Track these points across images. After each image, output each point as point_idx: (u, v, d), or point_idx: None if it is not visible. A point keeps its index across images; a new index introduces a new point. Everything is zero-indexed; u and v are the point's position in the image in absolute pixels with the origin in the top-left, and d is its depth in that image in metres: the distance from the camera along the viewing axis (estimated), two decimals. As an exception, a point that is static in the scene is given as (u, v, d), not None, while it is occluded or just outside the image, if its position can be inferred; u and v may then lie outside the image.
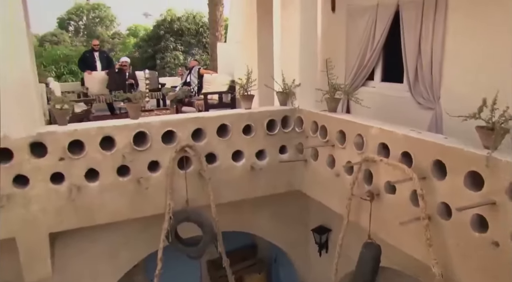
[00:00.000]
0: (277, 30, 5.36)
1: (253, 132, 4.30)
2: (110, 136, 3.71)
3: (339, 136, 3.89)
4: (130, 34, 26.85)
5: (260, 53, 5.52)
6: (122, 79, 8.81)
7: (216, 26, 13.98)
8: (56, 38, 23.15)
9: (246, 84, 4.39)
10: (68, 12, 26.56)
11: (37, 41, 23.16)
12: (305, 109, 4.40)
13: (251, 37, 5.67)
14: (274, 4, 5.44)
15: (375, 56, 5.07)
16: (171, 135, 3.97)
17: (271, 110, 4.43)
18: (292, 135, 4.50)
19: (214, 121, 4.12)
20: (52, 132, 3.51)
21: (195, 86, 8.29)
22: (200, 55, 20.77)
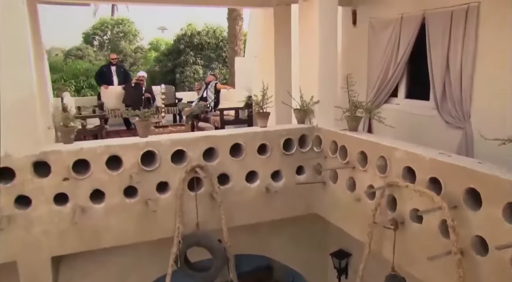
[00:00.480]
0: (295, 44, 5.18)
1: (268, 152, 4.09)
2: (117, 155, 3.55)
3: (360, 158, 3.65)
4: (151, 48, 27.16)
5: (277, 68, 5.34)
6: (138, 94, 8.76)
7: (235, 40, 13.92)
8: (81, 52, 23.68)
9: (261, 101, 4.19)
10: (93, 27, 27.23)
11: (63, 55, 23.91)
12: (324, 128, 4.18)
13: (268, 51, 5.50)
14: (292, 17, 5.26)
15: (399, 72, 4.82)
16: (181, 154, 3.79)
17: (288, 128, 4.22)
18: (310, 155, 4.27)
19: (227, 140, 3.93)
20: (56, 151, 3.37)
21: (211, 101, 8.16)
22: (220, 69, 20.75)
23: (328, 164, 4.12)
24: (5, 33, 3.04)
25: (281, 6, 5.18)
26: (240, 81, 9.12)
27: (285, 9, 5.22)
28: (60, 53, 26.47)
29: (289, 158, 4.19)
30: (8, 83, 3.12)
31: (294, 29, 5.28)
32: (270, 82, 5.25)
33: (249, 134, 4.03)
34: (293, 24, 5.29)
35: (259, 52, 6.28)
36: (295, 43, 5.29)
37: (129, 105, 8.68)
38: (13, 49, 3.11)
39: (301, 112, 4.36)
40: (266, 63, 5.66)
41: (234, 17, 13.89)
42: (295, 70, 5.16)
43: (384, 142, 3.40)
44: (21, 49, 3.14)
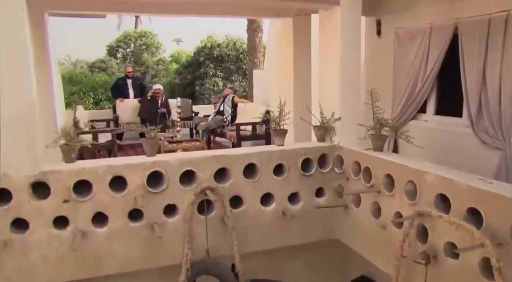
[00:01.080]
0: (315, 56, 4.91)
1: (285, 172, 3.82)
2: (121, 176, 3.33)
3: (386, 181, 3.33)
4: (172, 60, 27.44)
5: (296, 82, 5.08)
6: (154, 107, 8.62)
7: (255, 53, 13.76)
8: (104, 64, 24.24)
9: (278, 118, 3.93)
10: (117, 39, 27.86)
11: (88, 67, 24.89)
12: (346, 147, 3.88)
13: (287, 64, 5.25)
14: (313, 28, 5.01)
15: (427, 86, 4.49)
16: (191, 175, 3.55)
17: (306, 147, 3.94)
18: (331, 176, 3.98)
19: (241, 160, 3.67)
20: (56, 171, 3.17)
21: (228, 115, 7.93)
22: (240, 82, 20.66)
23: (350, 186, 3.82)
24: (2, 43, 2.87)
25: (300, 16, 4.94)
26: (258, 95, 8.89)
27: (305, 19, 4.97)
28: (85, 65, 27.28)
29: (307, 179, 3.91)
30: (4, 96, 2.93)
31: (314, 40, 5.02)
32: (288, 96, 5.00)
33: (265, 153, 3.77)
34: (313, 35, 5.03)
35: (277, 65, 6.02)
36: (315, 55, 5.02)
37: (144, 119, 8.56)
38: (10, 60, 2.93)
39: (321, 130, 4.08)
40: (284, 76, 5.41)
41: (253, 29, 13.76)
42: (315, 84, 4.89)
43: (413, 164, 3.08)
44: (19, 60, 2.96)
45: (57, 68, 6.50)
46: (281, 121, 3.96)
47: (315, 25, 4.86)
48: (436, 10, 4.33)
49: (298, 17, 4.93)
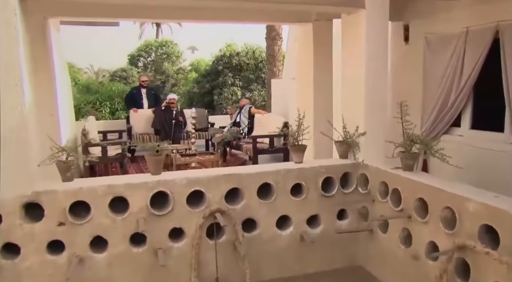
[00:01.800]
0: (337, 65, 4.59)
1: (304, 193, 3.49)
2: (122, 197, 3.05)
3: (418, 205, 2.96)
4: (192, 69, 27.59)
5: (316, 92, 4.74)
6: (168, 118, 8.39)
7: (274, 61, 13.46)
8: (125, 73, 24.59)
9: (297, 132, 3.60)
10: (138, 49, 28.31)
11: (110, 76, 25.57)
12: (372, 165, 3.53)
13: (307, 73, 4.93)
14: (334, 35, 4.68)
15: (463, 97, 4.10)
16: (199, 196, 3.25)
17: (327, 165, 3.60)
18: (354, 197, 3.63)
19: (255, 180, 3.36)
20: (50, 191, 2.92)
21: (245, 127, 7.62)
22: (259, 91, 20.43)
23: (377, 209, 3.46)
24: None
25: (321, 22, 4.61)
26: (276, 105, 8.57)
27: (326, 25, 4.65)
28: (107, 74, 27.82)
29: (328, 200, 3.58)
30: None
31: (336, 47, 4.69)
32: (308, 108, 4.68)
33: (281, 172, 3.44)
34: (334, 42, 4.70)
35: (296, 74, 5.70)
36: (337, 64, 4.69)
37: (158, 129, 8.34)
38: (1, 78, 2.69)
39: (344, 146, 3.74)
40: (304, 86, 5.08)
41: (272, 37, 13.48)
42: (337, 95, 4.55)
43: (451, 188, 2.70)
44: (9, 70, 2.71)
45: (66, 77, 6.33)
46: (300, 136, 3.63)
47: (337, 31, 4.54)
48: (473, 12, 3.95)
49: (318, 23, 4.61)
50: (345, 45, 3.89)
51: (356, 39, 3.70)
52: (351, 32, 3.77)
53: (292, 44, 8.10)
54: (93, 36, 50.12)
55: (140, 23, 41.97)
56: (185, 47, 26.94)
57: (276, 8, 4.17)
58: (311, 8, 3.91)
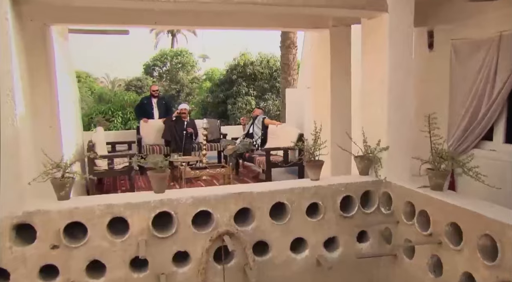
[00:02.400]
0: (356, 74, 4.32)
1: (321, 213, 3.21)
2: (122, 217, 2.81)
3: (450, 230, 2.66)
4: (206, 78, 27.70)
5: (334, 103, 4.46)
6: (179, 128, 8.17)
7: (289, 70, 13.24)
8: (140, 82, 24.80)
9: (313, 147, 3.33)
10: (153, 58, 28.59)
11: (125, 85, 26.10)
12: (395, 183, 3.24)
13: (323, 82, 4.66)
14: (353, 43, 4.41)
15: (495, 108, 3.79)
16: (207, 216, 3.00)
17: (347, 182, 3.31)
18: (376, 218, 3.34)
19: (267, 199, 3.10)
20: (43, 211, 2.69)
21: (258, 138, 7.35)
22: (274, 100, 20.25)
23: (401, 232, 3.16)
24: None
25: (338, 28, 4.35)
26: (291, 115, 8.30)
27: (344, 31, 4.38)
28: (122, 83, 28.19)
29: (348, 221, 3.29)
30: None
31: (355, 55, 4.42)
32: (324, 120, 4.40)
33: (296, 190, 3.17)
34: (353, 48, 4.43)
35: (312, 83, 5.44)
36: (356, 72, 4.42)
37: (168, 140, 8.13)
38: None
39: (365, 161, 3.45)
40: (320, 96, 4.81)
41: (287, 45, 13.27)
42: (356, 106, 4.27)
43: (491, 212, 2.40)
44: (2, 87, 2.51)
45: (74, 87, 6.17)
46: (316, 150, 3.36)
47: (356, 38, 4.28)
48: (507, 15, 3.64)
49: (336, 29, 4.35)
50: (366, 52, 3.63)
51: (378, 46, 3.43)
52: (372, 38, 3.50)
53: (307, 52, 7.86)
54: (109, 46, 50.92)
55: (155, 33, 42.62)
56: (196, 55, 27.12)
57: (292, 13, 3.94)
58: (329, 12, 3.66)
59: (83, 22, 3.85)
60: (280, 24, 4.35)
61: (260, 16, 4.20)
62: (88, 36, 6.99)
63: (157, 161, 2.90)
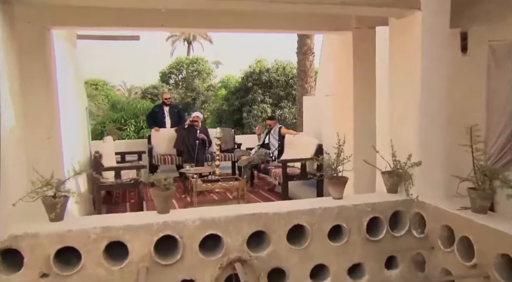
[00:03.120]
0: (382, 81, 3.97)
1: (345, 236, 2.89)
2: (121, 241, 2.51)
3: (501, 262, 2.29)
4: (222, 86, 27.70)
5: (357, 112, 4.11)
6: (192, 137, 7.88)
7: (305, 77, 12.94)
8: (156, 90, 25.01)
9: (336, 162, 2.99)
10: (169, 66, 28.81)
11: (141, 93, 26.47)
12: (429, 203, 2.89)
13: (345, 89, 4.32)
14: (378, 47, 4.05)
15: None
16: (216, 240, 2.69)
17: (374, 202, 2.97)
18: (407, 242, 3.00)
19: (284, 220, 2.78)
20: (32, 235, 2.41)
21: (275, 150, 7.00)
22: (290, 108, 19.94)
23: (438, 260, 2.80)
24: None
25: (362, 30, 4.02)
26: (308, 125, 7.95)
27: (368, 33, 4.04)
28: (139, 91, 28.61)
29: (375, 246, 2.96)
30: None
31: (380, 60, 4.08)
32: (346, 131, 4.06)
33: (317, 211, 2.84)
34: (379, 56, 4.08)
35: (333, 91, 5.09)
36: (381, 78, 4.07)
37: (180, 150, 7.85)
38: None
39: (394, 178, 3.11)
40: (342, 105, 4.47)
41: (304, 52, 12.98)
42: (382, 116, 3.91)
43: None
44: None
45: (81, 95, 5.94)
46: (339, 165, 3.02)
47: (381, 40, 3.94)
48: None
49: (359, 31, 4.01)
50: (394, 56, 3.29)
51: (409, 49, 3.09)
52: (401, 40, 3.17)
53: (325, 57, 7.51)
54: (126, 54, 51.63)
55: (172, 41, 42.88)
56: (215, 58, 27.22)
57: (311, 12, 3.62)
58: (352, 10, 3.33)
59: (85, 25, 3.60)
60: (298, 27, 4.04)
61: (277, 18, 3.90)
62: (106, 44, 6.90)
63: (161, 178, 2.60)
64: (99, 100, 24.94)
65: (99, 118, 17.65)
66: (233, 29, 4.08)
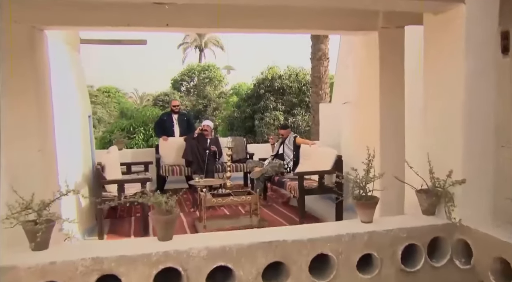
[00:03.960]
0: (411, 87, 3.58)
1: (376, 267, 2.50)
2: (114, 275, 2.14)
3: None
4: (233, 93, 27.65)
5: (384, 123, 3.69)
6: (201, 147, 7.52)
7: (320, 84, 12.51)
8: (168, 97, 25.15)
9: (365, 181, 2.60)
10: (181, 73, 29.02)
11: (153, 100, 26.57)
12: (476, 228, 2.49)
13: (369, 97, 3.92)
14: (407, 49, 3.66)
15: None
16: (226, 273, 2.31)
17: (409, 227, 2.57)
18: (449, 274, 2.61)
19: (306, 249, 2.40)
20: (8, 268, 2.06)
21: (290, 161, 6.57)
22: (303, 115, 19.57)
23: (489, 298, 2.37)
24: None
25: (390, 30, 3.62)
26: (325, 134, 7.53)
27: (396, 34, 3.64)
28: (151, 98, 28.92)
29: (411, 278, 2.58)
30: None
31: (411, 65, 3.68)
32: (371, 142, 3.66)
33: (344, 238, 2.44)
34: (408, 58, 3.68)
35: (354, 98, 4.70)
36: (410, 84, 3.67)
37: (190, 161, 7.48)
38: None
39: (432, 198, 2.71)
40: (365, 113, 4.07)
41: (318, 57, 12.58)
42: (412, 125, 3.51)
43: None
44: None
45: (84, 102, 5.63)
46: (369, 183, 2.63)
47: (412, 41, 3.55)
48: None
49: (386, 31, 3.61)
50: (430, 58, 2.89)
51: (450, 50, 2.70)
52: (440, 39, 2.77)
53: (343, 62, 7.12)
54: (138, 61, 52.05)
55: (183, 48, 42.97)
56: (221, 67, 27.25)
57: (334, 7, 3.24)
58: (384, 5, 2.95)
59: (82, 24, 3.26)
60: (317, 26, 3.65)
61: (294, 16, 3.52)
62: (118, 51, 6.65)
63: (161, 200, 2.23)
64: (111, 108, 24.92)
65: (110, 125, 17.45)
66: (244, 29, 3.70)
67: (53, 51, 4.27)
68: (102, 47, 5.73)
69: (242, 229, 5.18)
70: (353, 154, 5.81)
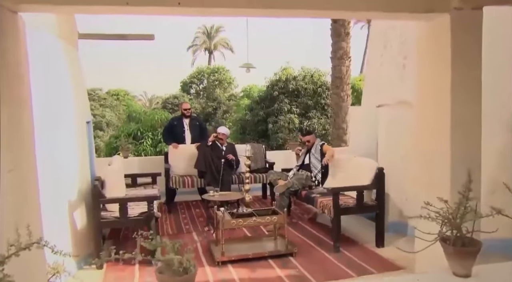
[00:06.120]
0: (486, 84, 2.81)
1: None
2: None
3: None
4: (244, 96, 27.40)
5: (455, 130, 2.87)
6: (216, 156, 6.76)
7: (342, 85, 11.72)
8: (177, 100, 25.16)
9: (459, 217, 1.84)
10: (190, 76, 29.19)
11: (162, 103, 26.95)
12: None
13: (434, 98, 3.12)
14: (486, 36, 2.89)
15: None
16: None
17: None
18: None
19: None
20: None
21: (317, 172, 5.77)
22: (318, 118, 18.86)
23: None
24: None
25: (464, 11, 2.83)
26: (356, 140, 6.75)
27: (472, 17, 2.83)
28: (160, 101, 29.41)
29: None
30: None
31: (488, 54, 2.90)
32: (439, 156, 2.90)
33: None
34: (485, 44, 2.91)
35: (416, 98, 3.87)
36: (489, 80, 2.89)
37: (203, 171, 6.74)
38: None
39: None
40: (428, 118, 3.24)
41: (339, 56, 11.82)
42: (493, 132, 2.74)
43: None
44: None
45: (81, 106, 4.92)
46: (466, 221, 1.86)
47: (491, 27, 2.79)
48: None
49: (460, 13, 2.81)
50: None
51: None
52: None
53: (374, 59, 6.33)
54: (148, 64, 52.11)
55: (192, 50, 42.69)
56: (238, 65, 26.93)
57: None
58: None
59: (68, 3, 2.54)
60: (375, 7, 2.88)
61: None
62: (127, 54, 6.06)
63: (173, 258, 1.48)
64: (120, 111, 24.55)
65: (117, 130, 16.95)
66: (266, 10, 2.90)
67: (40, 46, 3.58)
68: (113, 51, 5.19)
69: (267, 255, 4.44)
70: (393, 164, 5.04)
